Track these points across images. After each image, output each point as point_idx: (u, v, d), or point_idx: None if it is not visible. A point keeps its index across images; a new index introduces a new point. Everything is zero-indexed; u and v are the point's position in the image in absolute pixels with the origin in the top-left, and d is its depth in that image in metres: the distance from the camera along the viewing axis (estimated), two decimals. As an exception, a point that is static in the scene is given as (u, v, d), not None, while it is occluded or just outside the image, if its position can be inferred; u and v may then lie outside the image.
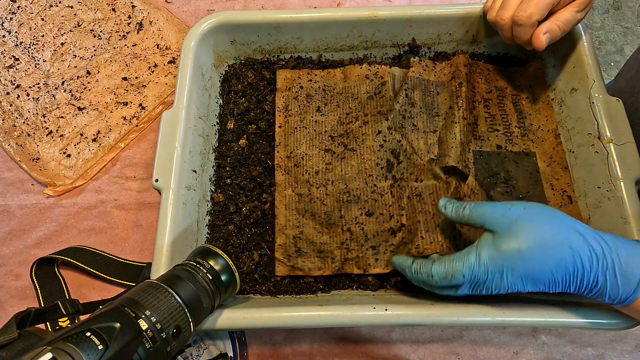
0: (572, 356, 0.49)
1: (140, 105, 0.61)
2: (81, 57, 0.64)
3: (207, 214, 0.51)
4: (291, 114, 0.54)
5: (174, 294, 0.34)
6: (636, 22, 1.51)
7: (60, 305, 0.37)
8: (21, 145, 0.60)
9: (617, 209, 0.44)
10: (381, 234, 0.48)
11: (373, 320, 0.40)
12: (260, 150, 0.55)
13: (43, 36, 0.66)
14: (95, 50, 0.65)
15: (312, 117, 0.54)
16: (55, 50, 0.65)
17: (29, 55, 0.65)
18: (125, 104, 0.62)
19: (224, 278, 0.39)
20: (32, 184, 0.59)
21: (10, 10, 0.67)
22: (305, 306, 0.41)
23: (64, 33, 0.66)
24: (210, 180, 0.53)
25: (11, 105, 0.62)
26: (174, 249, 0.44)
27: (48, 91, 0.63)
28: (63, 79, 0.63)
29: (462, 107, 0.52)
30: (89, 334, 0.27)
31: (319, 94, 0.55)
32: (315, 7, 0.68)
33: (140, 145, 0.60)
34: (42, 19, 0.67)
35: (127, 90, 0.62)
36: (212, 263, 0.39)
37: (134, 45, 0.65)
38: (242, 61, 0.59)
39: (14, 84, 0.63)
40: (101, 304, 0.41)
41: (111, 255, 0.54)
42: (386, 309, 0.40)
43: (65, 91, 0.62)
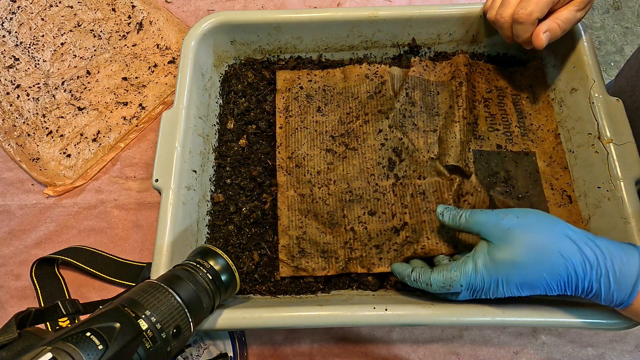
0: (572, 356, 0.49)
1: (140, 105, 0.61)
2: (81, 57, 0.64)
3: (207, 214, 0.51)
4: (292, 114, 0.54)
5: (174, 294, 0.34)
6: (636, 22, 1.51)
7: (60, 305, 0.37)
8: (21, 145, 0.60)
9: (617, 209, 0.44)
10: (384, 232, 0.48)
11: (373, 320, 0.40)
12: (260, 150, 0.55)
13: (43, 36, 0.66)
14: (95, 50, 0.65)
15: (312, 117, 0.54)
16: (55, 50, 0.65)
17: (29, 55, 0.65)
18: (125, 104, 0.62)
19: (224, 278, 0.39)
20: (32, 184, 0.59)
21: (10, 10, 0.67)
22: (305, 306, 0.41)
23: (64, 33, 0.66)
24: (210, 180, 0.53)
25: (11, 105, 0.62)
26: (174, 249, 0.44)
27: (48, 91, 0.63)
28: (63, 79, 0.63)
29: (462, 106, 0.52)
30: (89, 334, 0.27)
31: (319, 94, 0.55)
32: (315, 7, 0.68)
33: (140, 145, 0.60)
34: (42, 19, 0.67)
35: (127, 90, 0.62)
36: (212, 263, 0.39)
37: (134, 45, 0.65)
38: (242, 61, 0.59)
39: (14, 84, 0.63)
40: (101, 304, 0.41)
41: (111, 255, 0.54)
42: (386, 309, 0.40)
43: (65, 91, 0.62)
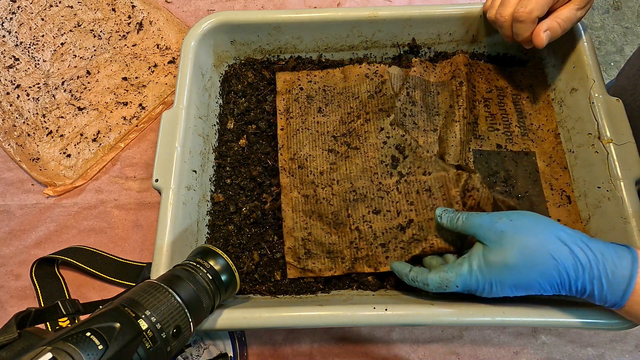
0: (572, 356, 0.49)
1: (140, 105, 0.61)
2: (81, 57, 0.64)
3: (207, 214, 0.51)
4: (292, 115, 0.54)
5: (174, 294, 0.34)
6: (636, 22, 1.51)
7: (60, 305, 0.37)
8: (21, 145, 0.60)
9: (617, 209, 0.44)
10: (390, 231, 0.48)
11: (373, 320, 0.40)
12: (260, 150, 0.55)
13: (43, 36, 0.66)
14: (95, 50, 0.65)
15: (313, 118, 0.54)
16: (55, 50, 0.65)
17: (29, 55, 0.65)
18: (125, 104, 0.62)
19: (224, 278, 0.39)
20: (32, 184, 0.59)
21: (10, 10, 0.67)
22: (305, 306, 0.41)
23: (64, 33, 0.66)
24: (210, 180, 0.53)
25: (11, 105, 0.62)
26: (174, 249, 0.44)
27: (48, 91, 0.63)
28: (63, 79, 0.63)
29: (462, 106, 0.52)
30: (89, 334, 0.27)
31: (319, 94, 0.55)
32: (315, 7, 0.68)
33: (140, 145, 0.60)
34: (42, 19, 0.67)
35: (127, 90, 0.62)
36: (212, 263, 0.39)
37: (134, 45, 0.65)
38: (242, 61, 0.59)
39: (14, 84, 0.63)
40: (101, 304, 0.41)
41: (111, 255, 0.54)
42: (386, 309, 0.40)
43: (65, 91, 0.62)
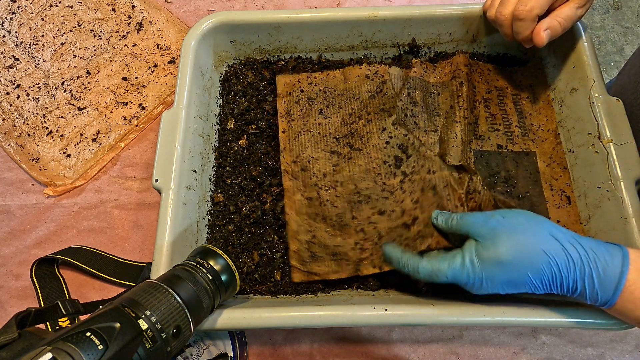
0: (572, 356, 0.49)
1: (140, 105, 0.61)
2: (81, 57, 0.64)
3: (207, 214, 0.51)
4: (294, 118, 0.54)
5: (174, 294, 0.34)
6: (636, 22, 1.51)
7: (60, 305, 0.37)
8: (21, 145, 0.60)
9: (617, 209, 0.44)
10: (395, 229, 0.47)
11: (373, 320, 0.40)
12: (260, 150, 0.55)
13: (43, 36, 0.66)
14: (95, 50, 0.65)
15: (315, 120, 0.54)
16: (55, 50, 0.65)
17: (29, 55, 0.65)
18: (125, 104, 0.62)
19: (224, 278, 0.39)
20: (32, 184, 0.59)
21: (10, 10, 0.67)
22: (305, 306, 0.41)
23: (64, 33, 0.66)
24: (210, 180, 0.53)
25: (11, 105, 0.62)
26: (174, 249, 0.44)
27: (48, 91, 0.63)
28: (63, 79, 0.63)
29: (462, 106, 0.52)
30: (89, 334, 0.27)
31: (320, 96, 0.55)
32: (315, 7, 0.68)
33: (140, 145, 0.60)
34: (42, 19, 0.67)
35: (127, 90, 0.62)
36: (212, 263, 0.39)
37: (134, 45, 0.65)
38: (242, 61, 0.59)
39: (14, 84, 0.63)
40: (101, 304, 0.41)
41: (111, 255, 0.54)
42: (386, 309, 0.40)
43: (65, 91, 0.62)
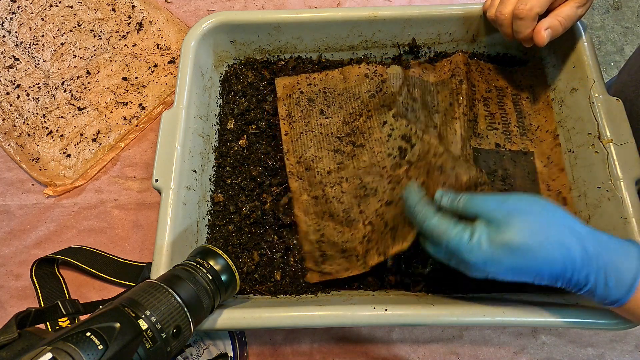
0: (572, 356, 0.49)
1: (140, 105, 0.61)
2: (81, 57, 0.64)
3: (207, 214, 0.51)
4: (295, 120, 0.54)
5: (174, 294, 0.34)
6: (636, 22, 1.51)
7: (60, 305, 0.37)
8: (21, 145, 0.60)
9: (617, 209, 0.44)
10: (400, 215, 0.46)
11: (373, 320, 0.40)
12: (260, 150, 0.55)
13: (43, 36, 0.66)
14: (95, 50, 0.65)
15: (316, 120, 0.54)
16: (55, 50, 0.65)
17: (29, 55, 0.65)
18: (125, 104, 0.62)
19: (224, 278, 0.39)
20: (32, 184, 0.59)
21: (10, 10, 0.67)
22: (305, 306, 0.41)
23: (64, 33, 0.66)
24: (210, 180, 0.53)
25: (11, 105, 0.62)
26: (174, 249, 0.44)
27: (48, 91, 0.63)
28: (63, 79, 0.63)
29: (462, 103, 0.52)
30: (89, 334, 0.27)
31: (320, 97, 0.55)
32: (315, 7, 0.68)
33: (140, 145, 0.60)
34: (42, 19, 0.67)
35: (127, 90, 0.62)
36: (212, 263, 0.39)
37: (134, 45, 0.65)
38: (242, 61, 0.59)
39: (14, 84, 0.63)
40: (101, 304, 0.41)
41: (111, 255, 0.54)
42: (386, 309, 0.40)
43: (65, 91, 0.62)
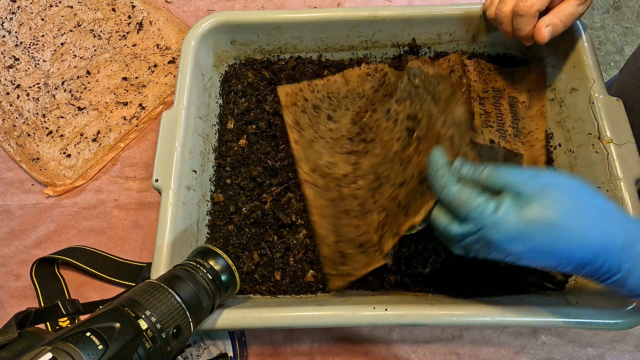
0: (572, 356, 0.49)
1: (140, 105, 0.61)
2: (81, 57, 0.64)
3: (207, 214, 0.51)
4: (303, 127, 0.54)
5: (174, 294, 0.34)
6: (636, 22, 1.51)
7: (60, 305, 0.37)
8: (21, 145, 0.60)
9: (617, 209, 0.44)
10: (411, 191, 0.44)
11: (373, 320, 0.40)
12: (260, 150, 0.55)
13: (43, 36, 0.66)
14: (95, 50, 0.65)
15: (325, 126, 0.54)
16: (55, 50, 0.65)
17: (29, 55, 0.65)
18: (125, 104, 0.62)
19: (224, 278, 0.39)
20: (32, 184, 0.59)
21: (10, 10, 0.67)
22: (305, 306, 0.41)
23: (64, 33, 0.66)
24: (210, 180, 0.53)
25: (11, 105, 0.62)
26: (174, 249, 0.44)
27: (48, 91, 0.63)
28: (63, 79, 0.63)
29: (465, 94, 0.52)
30: (89, 334, 0.27)
31: (325, 102, 0.55)
32: (315, 7, 0.68)
33: (140, 145, 0.60)
34: (42, 19, 0.67)
35: (127, 90, 0.62)
36: (212, 263, 0.39)
37: (134, 45, 0.65)
38: (242, 61, 0.59)
39: (14, 84, 0.63)
40: (101, 304, 0.41)
41: (111, 255, 0.54)
42: (386, 309, 0.40)
43: (65, 91, 0.62)
